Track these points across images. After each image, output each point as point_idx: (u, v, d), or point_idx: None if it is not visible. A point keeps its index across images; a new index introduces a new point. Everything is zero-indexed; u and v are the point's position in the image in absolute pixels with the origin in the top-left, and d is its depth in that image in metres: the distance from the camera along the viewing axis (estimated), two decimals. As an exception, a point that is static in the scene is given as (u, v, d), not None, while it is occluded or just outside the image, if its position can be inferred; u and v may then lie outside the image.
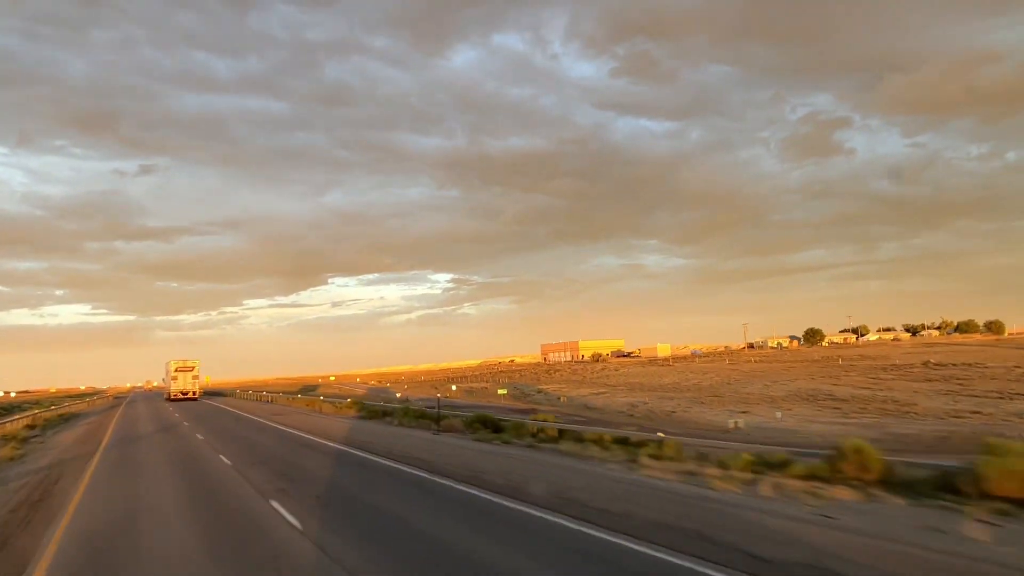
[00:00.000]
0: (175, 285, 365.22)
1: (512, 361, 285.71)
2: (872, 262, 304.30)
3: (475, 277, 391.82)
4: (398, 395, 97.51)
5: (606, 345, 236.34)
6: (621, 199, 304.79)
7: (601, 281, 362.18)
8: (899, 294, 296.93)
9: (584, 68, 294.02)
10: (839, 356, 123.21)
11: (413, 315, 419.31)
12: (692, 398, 74.03)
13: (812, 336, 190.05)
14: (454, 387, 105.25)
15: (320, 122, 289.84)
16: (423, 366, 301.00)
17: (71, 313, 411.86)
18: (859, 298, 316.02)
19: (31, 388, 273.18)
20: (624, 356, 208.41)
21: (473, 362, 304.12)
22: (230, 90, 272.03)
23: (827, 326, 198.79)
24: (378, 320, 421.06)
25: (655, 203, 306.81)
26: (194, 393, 73.19)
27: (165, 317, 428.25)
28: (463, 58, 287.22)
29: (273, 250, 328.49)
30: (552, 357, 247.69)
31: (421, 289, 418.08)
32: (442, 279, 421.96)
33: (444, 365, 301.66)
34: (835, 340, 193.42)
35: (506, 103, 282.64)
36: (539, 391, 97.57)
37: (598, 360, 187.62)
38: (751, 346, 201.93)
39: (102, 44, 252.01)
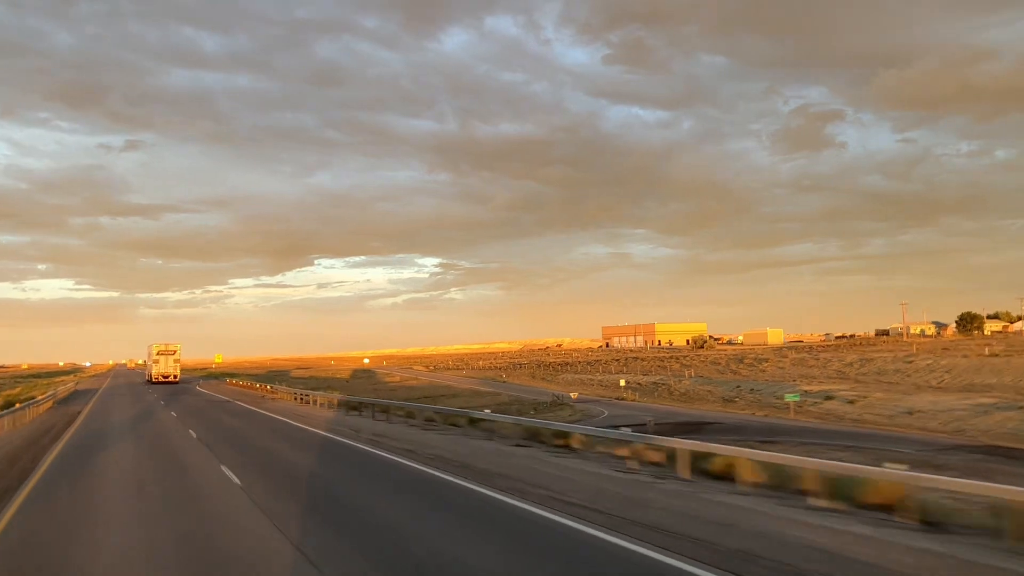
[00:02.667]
0: (160, 262, 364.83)
1: (559, 345, 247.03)
2: (858, 257, 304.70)
3: (463, 262, 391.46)
4: (573, 395, 58.33)
5: (685, 329, 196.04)
6: (611, 188, 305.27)
7: (587, 270, 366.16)
8: (884, 290, 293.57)
9: (577, 54, 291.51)
10: None
11: (399, 299, 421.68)
12: None
13: (969, 322, 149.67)
14: (623, 381, 64.92)
15: (309, 102, 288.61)
16: (410, 350, 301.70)
17: (54, 288, 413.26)
18: (844, 293, 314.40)
19: (2, 364, 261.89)
20: (719, 342, 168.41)
21: (473, 346, 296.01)
22: (219, 66, 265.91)
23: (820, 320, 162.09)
24: (364, 303, 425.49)
25: (645, 193, 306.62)
26: (175, 376, 71.36)
27: (149, 294, 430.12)
28: (455, 41, 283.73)
29: (260, 230, 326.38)
30: (618, 342, 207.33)
31: (408, 273, 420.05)
32: (429, 263, 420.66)
33: (432, 350, 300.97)
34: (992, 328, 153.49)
35: (498, 88, 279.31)
36: (800, 394, 55.45)
37: (703, 346, 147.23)
38: (883, 333, 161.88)
39: (88, 16, 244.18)
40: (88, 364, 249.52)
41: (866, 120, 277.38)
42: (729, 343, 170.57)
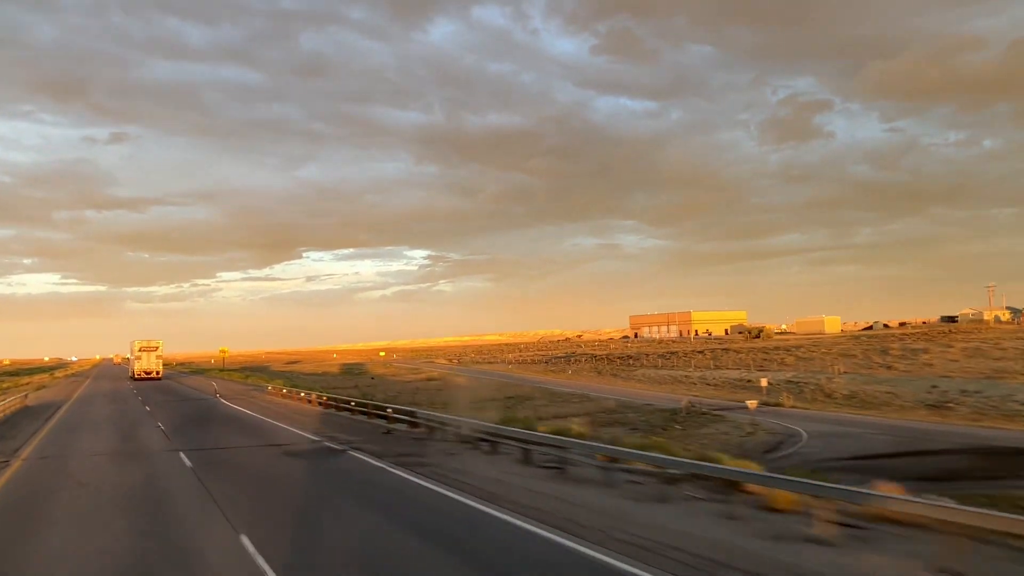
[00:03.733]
0: (146, 256, 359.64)
1: (580, 336, 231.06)
2: (847, 247, 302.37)
3: (452, 254, 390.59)
4: (750, 404, 42.25)
5: (723, 318, 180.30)
6: (599, 179, 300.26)
7: (577, 261, 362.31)
8: (872, 279, 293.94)
9: (565, 45, 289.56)
10: None
11: (388, 291, 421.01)
12: None
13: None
14: (765, 381, 48.69)
15: (296, 94, 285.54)
16: (400, 342, 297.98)
17: (40, 283, 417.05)
18: (833, 283, 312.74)
19: None
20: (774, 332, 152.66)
21: (494, 337, 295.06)
22: (203, 58, 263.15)
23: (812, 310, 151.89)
24: (353, 295, 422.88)
25: (633, 184, 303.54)
26: (157, 373, 68.28)
27: (136, 288, 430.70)
28: (442, 31, 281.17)
29: (247, 223, 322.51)
30: (647, 332, 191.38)
31: (397, 265, 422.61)
32: (418, 255, 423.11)
33: (422, 342, 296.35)
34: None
35: (485, 78, 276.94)
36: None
37: (758, 336, 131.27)
38: (951, 320, 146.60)
39: (71, 7, 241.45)
40: (74, 359, 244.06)
41: (854, 110, 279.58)
42: (781, 334, 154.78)
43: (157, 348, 69.76)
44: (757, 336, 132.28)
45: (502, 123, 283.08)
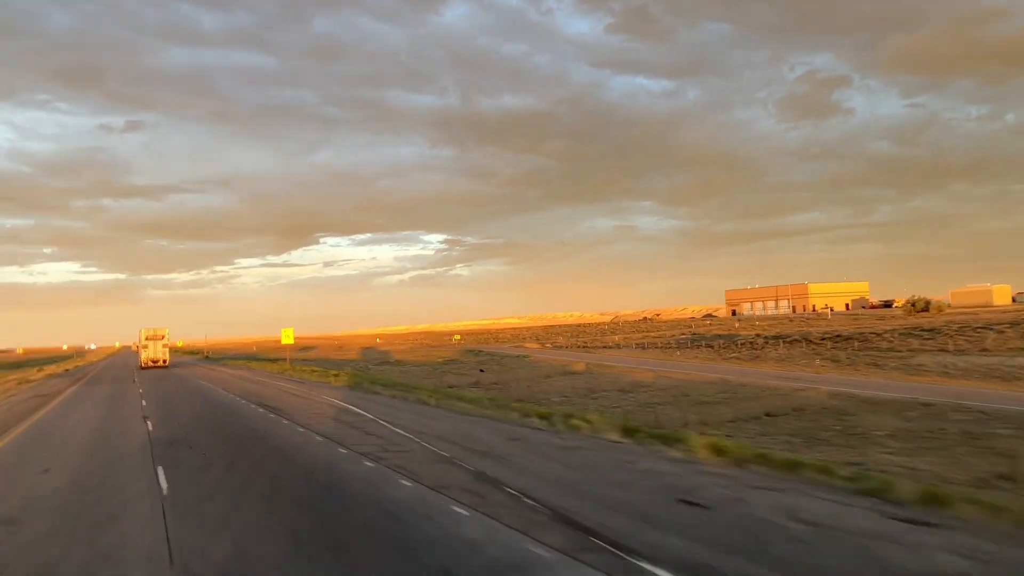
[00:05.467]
0: (165, 243, 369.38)
1: (658, 315, 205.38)
2: (867, 225, 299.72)
3: (468, 238, 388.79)
4: None
5: (843, 290, 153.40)
6: (615, 160, 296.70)
7: (594, 243, 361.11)
8: (893, 257, 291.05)
9: (579, 24, 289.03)
10: None
11: (406, 276, 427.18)
12: None
13: None
14: None
15: (310, 78, 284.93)
16: (420, 327, 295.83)
17: (61, 271, 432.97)
18: (853, 260, 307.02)
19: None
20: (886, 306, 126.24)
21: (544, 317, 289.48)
22: (217, 44, 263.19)
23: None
24: (371, 280, 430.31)
25: (650, 164, 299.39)
26: (164, 361, 69.12)
27: (155, 276, 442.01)
28: (455, 12, 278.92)
29: (264, 209, 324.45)
30: (748, 308, 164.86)
31: (414, 250, 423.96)
32: (435, 240, 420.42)
33: (441, 326, 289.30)
34: None
35: (499, 60, 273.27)
36: None
37: (925, 310, 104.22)
38: None
39: None
40: (93, 347, 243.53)
41: (873, 86, 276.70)
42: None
43: (163, 336, 69.56)
44: (924, 310, 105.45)
45: (517, 105, 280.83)
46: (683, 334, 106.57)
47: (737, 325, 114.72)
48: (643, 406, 35.94)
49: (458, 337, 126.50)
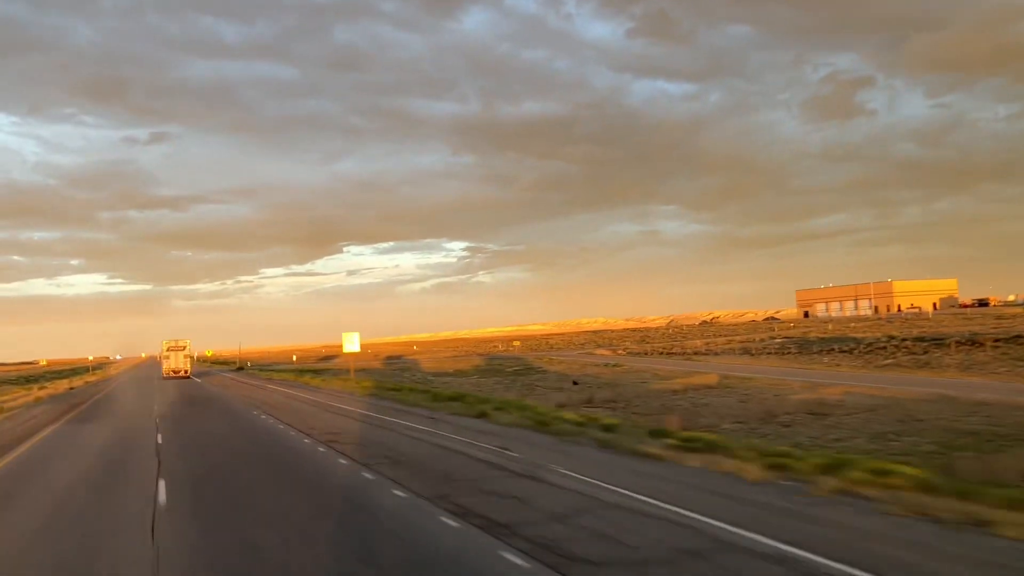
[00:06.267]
0: (190, 254, 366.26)
1: (715, 318, 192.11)
2: (893, 227, 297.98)
3: (490, 245, 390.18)
4: None
5: (929, 288, 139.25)
6: (637, 165, 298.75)
7: (616, 249, 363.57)
8: (920, 260, 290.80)
9: (599, 29, 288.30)
10: None
11: (428, 283, 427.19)
12: None
13: None
14: None
15: (331, 88, 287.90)
16: (442, 334, 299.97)
17: (88, 283, 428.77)
18: (880, 264, 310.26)
19: (17, 360, 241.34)
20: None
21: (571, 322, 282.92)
22: (239, 55, 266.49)
23: None
24: (394, 288, 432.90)
25: (672, 169, 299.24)
26: (186, 372, 69.99)
27: (181, 286, 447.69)
28: (475, 20, 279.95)
29: (288, 218, 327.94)
30: (822, 309, 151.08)
31: (436, 257, 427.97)
32: (457, 247, 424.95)
33: (465, 333, 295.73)
34: None
35: (520, 66, 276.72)
36: None
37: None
38: None
39: (108, 9, 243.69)
40: (118, 357, 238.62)
41: (898, 86, 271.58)
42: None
43: (185, 347, 69.48)
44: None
45: (537, 111, 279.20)
46: (772, 337, 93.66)
47: (831, 327, 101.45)
48: (874, 438, 23.94)
49: (517, 343, 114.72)
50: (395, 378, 63.76)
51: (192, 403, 32.26)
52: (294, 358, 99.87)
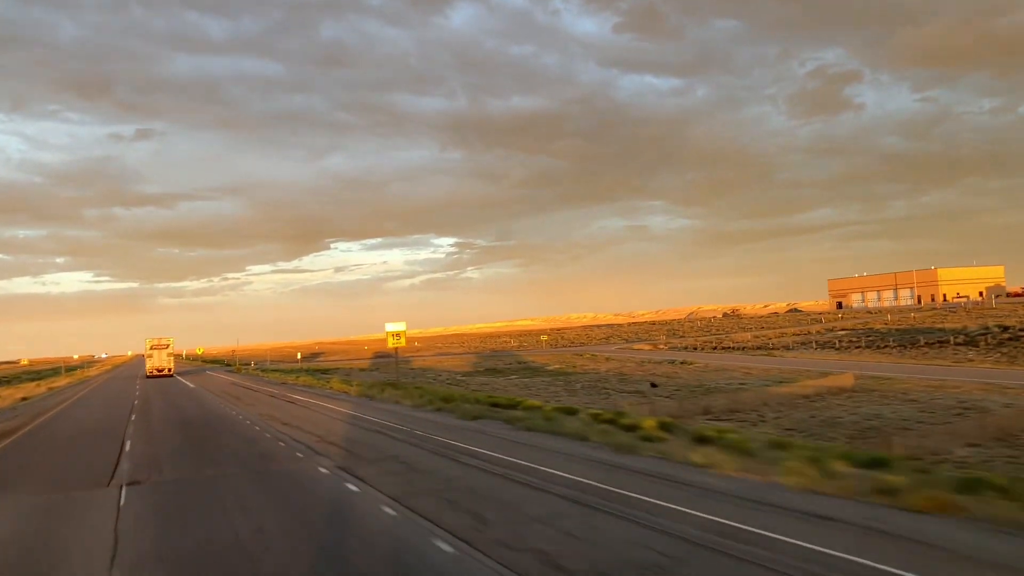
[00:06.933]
0: (176, 251, 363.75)
1: (735, 310, 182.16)
2: (880, 221, 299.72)
3: (479, 241, 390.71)
4: None
5: (976, 276, 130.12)
6: (626, 160, 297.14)
7: (605, 244, 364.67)
8: (907, 253, 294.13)
9: (586, 24, 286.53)
10: None
11: (416, 280, 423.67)
12: None
13: None
14: None
15: (318, 84, 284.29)
16: (432, 330, 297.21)
17: (73, 281, 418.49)
18: (867, 258, 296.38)
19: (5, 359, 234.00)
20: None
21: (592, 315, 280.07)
22: (224, 52, 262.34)
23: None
24: (382, 285, 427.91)
25: (660, 163, 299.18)
26: (169, 370, 69.51)
27: (167, 284, 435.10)
28: (462, 15, 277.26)
29: (275, 215, 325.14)
30: (858, 299, 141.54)
31: (424, 253, 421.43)
32: (445, 243, 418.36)
33: (454, 329, 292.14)
34: None
35: (507, 62, 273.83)
36: None
37: None
38: None
39: (92, 5, 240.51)
40: (104, 355, 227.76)
41: (884, 80, 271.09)
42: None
43: (168, 346, 70.26)
44: None
45: (526, 106, 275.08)
46: (829, 330, 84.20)
47: (889, 319, 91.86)
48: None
49: (546, 337, 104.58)
50: (413, 378, 53.90)
51: (195, 444, 18.84)
52: (299, 356, 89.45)
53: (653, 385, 44.89)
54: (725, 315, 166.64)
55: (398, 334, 31.26)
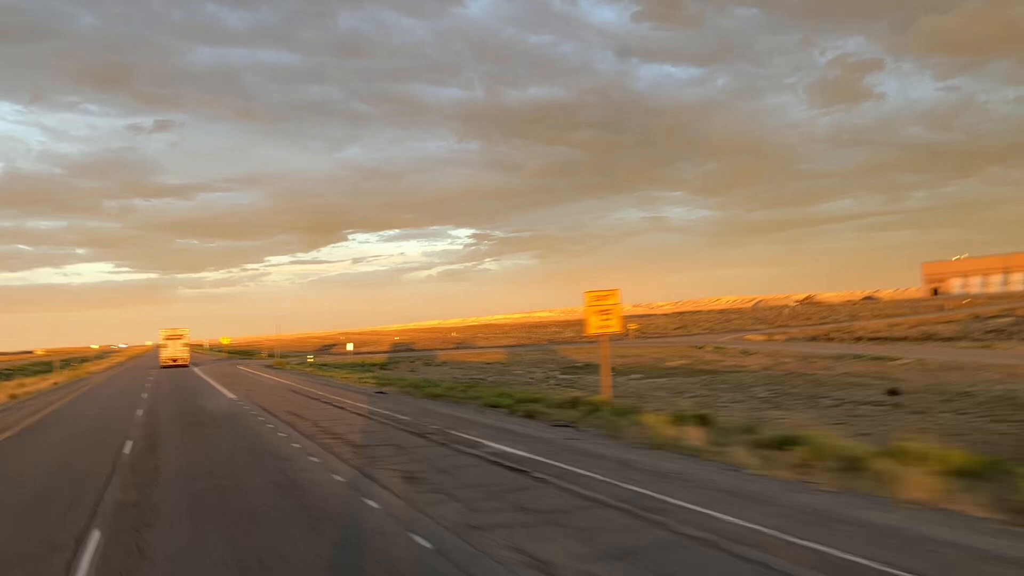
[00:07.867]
0: (195, 242, 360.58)
1: (809, 297, 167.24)
2: (901, 211, 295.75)
3: (496, 232, 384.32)
4: None
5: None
6: (644, 150, 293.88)
7: (623, 235, 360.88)
8: (928, 244, 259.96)
9: (605, 12, 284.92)
10: None
11: (434, 271, 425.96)
12: None
13: None
14: None
15: (335, 74, 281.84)
16: (450, 321, 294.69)
17: (94, 272, 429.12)
18: (888, 248, 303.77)
19: (14, 350, 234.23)
20: None
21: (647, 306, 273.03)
22: (243, 42, 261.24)
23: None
24: (400, 276, 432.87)
25: (679, 154, 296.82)
26: (184, 360, 69.54)
27: (187, 275, 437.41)
28: (479, 4, 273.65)
29: (293, 206, 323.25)
30: (959, 285, 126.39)
31: (442, 245, 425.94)
32: (463, 234, 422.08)
33: (472, 320, 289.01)
34: None
35: (525, 51, 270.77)
36: None
37: None
38: None
39: None
40: (123, 346, 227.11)
41: (906, 69, 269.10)
42: None
43: (183, 336, 69.06)
44: None
45: (543, 96, 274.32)
46: (977, 317, 69.92)
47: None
48: None
49: (634, 326, 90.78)
50: (503, 379, 40.43)
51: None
52: (349, 347, 75.82)
53: (893, 392, 30.95)
54: (799, 303, 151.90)
55: (608, 308, 17.30)
